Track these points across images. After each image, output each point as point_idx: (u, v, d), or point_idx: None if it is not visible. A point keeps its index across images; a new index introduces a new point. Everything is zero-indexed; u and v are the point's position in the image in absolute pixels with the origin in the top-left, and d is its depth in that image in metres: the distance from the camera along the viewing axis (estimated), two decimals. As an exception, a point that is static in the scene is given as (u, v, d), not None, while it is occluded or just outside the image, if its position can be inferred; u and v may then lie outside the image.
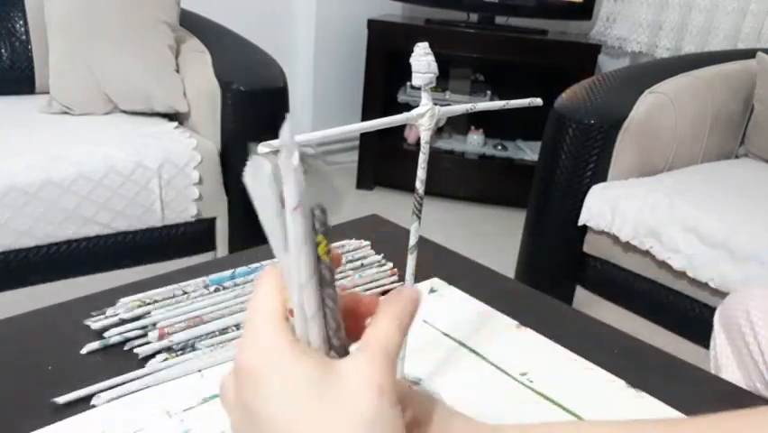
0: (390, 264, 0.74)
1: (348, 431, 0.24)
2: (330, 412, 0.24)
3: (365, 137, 2.54)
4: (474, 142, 2.63)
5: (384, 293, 0.69)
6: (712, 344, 0.83)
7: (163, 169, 1.41)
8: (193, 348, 0.57)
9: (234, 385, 0.27)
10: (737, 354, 0.77)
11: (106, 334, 0.58)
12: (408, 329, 0.29)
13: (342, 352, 0.28)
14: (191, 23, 1.81)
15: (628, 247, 1.40)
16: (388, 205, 2.49)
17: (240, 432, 0.27)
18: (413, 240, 0.47)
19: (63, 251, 1.36)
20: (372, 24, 2.40)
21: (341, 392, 0.25)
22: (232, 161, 1.55)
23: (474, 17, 2.50)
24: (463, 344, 0.61)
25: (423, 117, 0.44)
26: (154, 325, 0.59)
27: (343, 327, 0.28)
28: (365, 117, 2.49)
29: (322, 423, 0.24)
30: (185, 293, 0.65)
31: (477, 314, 0.67)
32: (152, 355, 0.56)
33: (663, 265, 1.34)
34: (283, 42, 2.59)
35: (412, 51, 0.42)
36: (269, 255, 0.73)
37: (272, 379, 0.25)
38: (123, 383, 0.52)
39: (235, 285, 0.67)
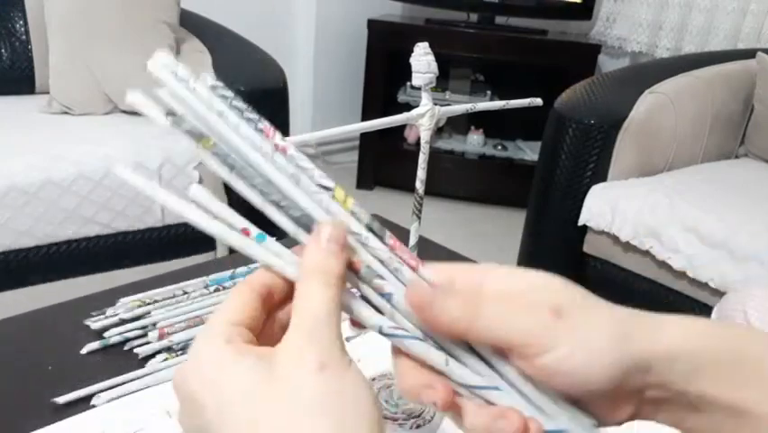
0: (390, 264, 0.74)
1: (298, 421, 0.22)
2: (275, 407, 0.22)
3: (365, 137, 2.54)
4: (474, 142, 2.63)
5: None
6: None
7: (163, 169, 1.41)
8: (193, 348, 0.57)
9: (180, 410, 0.26)
10: None
11: (106, 334, 0.58)
12: (341, 274, 0.26)
13: None
14: (191, 23, 1.81)
15: (628, 247, 1.40)
16: (388, 205, 2.49)
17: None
18: (413, 240, 0.47)
19: (63, 251, 1.36)
20: (372, 24, 2.40)
21: (279, 383, 0.23)
22: (232, 161, 1.55)
23: (474, 17, 2.50)
24: (463, 344, 0.61)
25: (423, 117, 0.44)
26: (154, 325, 0.59)
27: None
28: (365, 117, 2.49)
29: (271, 422, 0.22)
30: (185, 293, 0.65)
31: (477, 314, 0.66)
32: (152, 355, 0.56)
33: (663, 265, 1.34)
34: (283, 42, 2.59)
35: (412, 51, 0.42)
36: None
37: (210, 399, 0.24)
38: (123, 383, 0.52)
39: (235, 285, 0.67)
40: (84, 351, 0.56)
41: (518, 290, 0.26)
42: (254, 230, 0.27)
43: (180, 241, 1.51)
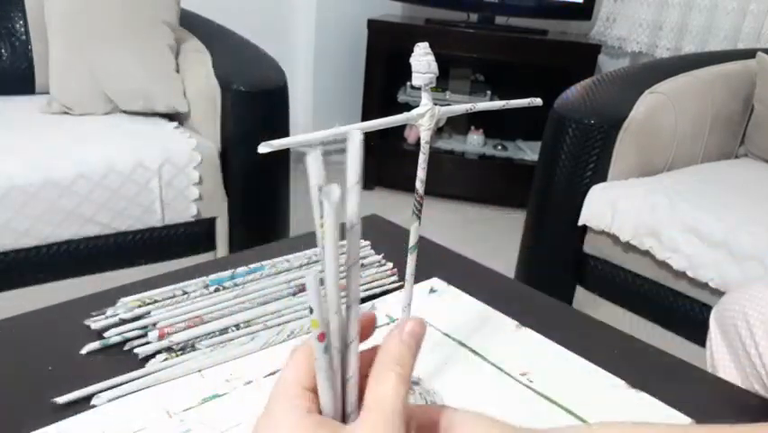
0: (390, 264, 0.74)
1: None
2: None
3: (365, 137, 2.52)
4: (474, 142, 2.63)
5: (383, 294, 0.69)
6: (708, 343, 0.83)
7: (163, 169, 1.41)
8: (193, 348, 0.57)
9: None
10: (733, 353, 0.77)
11: (106, 334, 0.58)
12: (411, 371, 0.27)
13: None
14: (191, 23, 1.81)
15: (628, 247, 1.40)
16: (388, 205, 2.48)
17: None
18: (413, 240, 0.47)
19: (63, 251, 1.36)
20: (372, 24, 2.40)
21: None
22: (232, 161, 1.55)
23: (474, 17, 2.50)
24: (463, 344, 0.61)
25: (423, 117, 0.44)
26: (154, 325, 0.59)
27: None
28: (365, 117, 2.49)
29: None
30: (185, 293, 0.65)
31: (477, 314, 0.67)
32: (152, 355, 0.56)
33: (663, 265, 1.34)
34: (283, 42, 2.59)
35: (412, 51, 0.42)
36: (269, 255, 0.73)
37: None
38: (123, 383, 0.52)
39: (235, 285, 0.67)
40: (84, 351, 0.56)
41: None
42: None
43: (180, 241, 1.51)
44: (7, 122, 1.49)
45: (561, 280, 1.57)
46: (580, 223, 1.44)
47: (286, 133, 1.63)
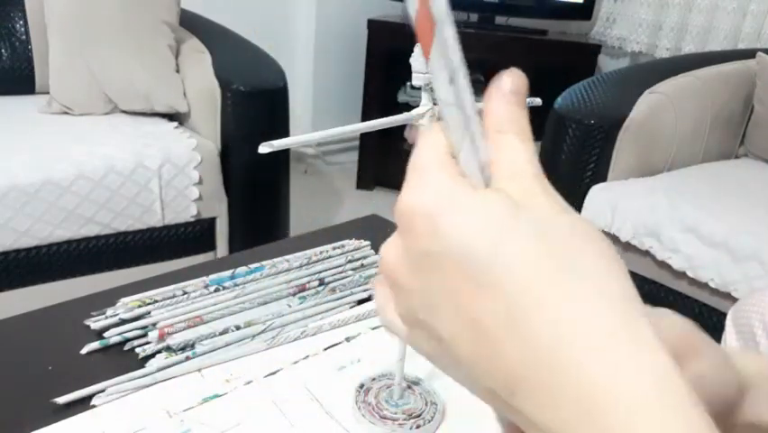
0: (390, 264, 0.74)
1: (607, 267, 0.20)
2: (572, 248, 0.20)
3: (365, 137, 2.54)
4: (474, 142, 2.63)
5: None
6: (723, 345, 0.83)
7: (163, 169, 1.41)
8: (193, 348, 0.57)
9: (403, 243, 0.22)
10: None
11: (106, 334, 0.58)
12: (530, 132, 0.23)
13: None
14: (191, 23, 1.81)
15: (628, 247, 1.40)
16: (389, 205, 2.48)
17: (424, 298, 0.21)
18: (413, 240, 0.47)
19: (63, 251, 1.36)
20: (372, 24, 2.40)
21: (575, 227, 0.20)
22: (232, 161, 1.55)
23: (474, 17, 2.50)
24: (463, 344, 0.61)
25: (423, 117, 0.44)
26: (154, 325, 0.59)
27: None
28: (365, 117, 2.49)
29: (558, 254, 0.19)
30: (185, 293, 0.65)
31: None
32: (152, 355, 0.56)
33: (663, 265, 1.34)
34: (283, 42, 2.59)
35: (412, 51, 0.42)
36: (269, 255, 0.73)
37: (453, 215, 0.20)
38: (123, 383, 0.52)
39: (235, 285, 0.67)
40: (84, 351, 0.56)
41: None
42: None
43: (180, 241, 1.51)
44: (7, 122, 1.49)
45: (561, 280, 1.57)
46: (580, 223, 1.44)
47: (286, 133, 1.63)
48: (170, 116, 1.64)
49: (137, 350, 0.56)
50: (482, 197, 0.20)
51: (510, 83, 0.23)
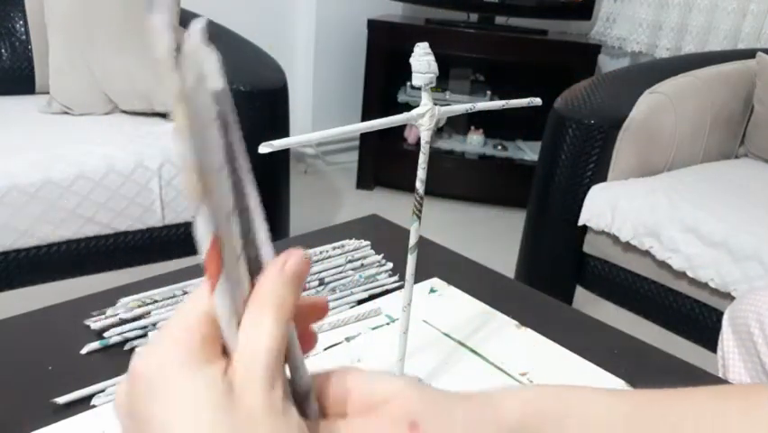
0: (390, 264, 0.74)
1: None
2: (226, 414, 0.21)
3: (365, 137, 2.54)
4: (474, 142, 2.63)
5: (383, 293, 0.69)
6: (720, 344, 0.82)
7: (163, 169, 1.41)
8: (193, 348, 0.57)
9: (127, 391, 0.24)
10: (746, 355, 0.76)
11: (106, 334, 0.58)
12: (291, 314, 0.24)
13: None
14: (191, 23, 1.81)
15: (628, 247, 1.40)
16: (388, 205, 2.49)
17: None
18: (413, 240, 0.47)
19: (63, 251, 1.36)
20: (372, 24, 2.40)
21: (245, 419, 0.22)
22: (232, 161, 1.55)
23: (474, 17, 2.50)
24: (463, 344, 0.61)
25: (423, 117, 0.44)
26: (154, 325, 0.59)
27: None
28: (365, 117, 2.49)
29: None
30: (185, 293, 0.65)
31: (477, 314, 0.67)
32: (152, 355, 0.56)
33: (663, 265, 1.34)
34: (283, 42, 2.59)
35: (412, 51, 0.42)
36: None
37: (165, 387, 0.22)
38: (123, 383, 0.52)
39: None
40: (84, 351, 0.56)
41: (382, 399, 0.26)
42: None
43: (180, 241, 1.51)
44: (7, 122, 1.49)
45: (561, 279, 1.57)
46: (580, 223, 1.44)
47: (286, 133, 1.64)
48: (170, 116, 1.64)
49: (137, 350, 0.56)
50: (201, 380, 0.22)
51: (291, 263, 0.25)
